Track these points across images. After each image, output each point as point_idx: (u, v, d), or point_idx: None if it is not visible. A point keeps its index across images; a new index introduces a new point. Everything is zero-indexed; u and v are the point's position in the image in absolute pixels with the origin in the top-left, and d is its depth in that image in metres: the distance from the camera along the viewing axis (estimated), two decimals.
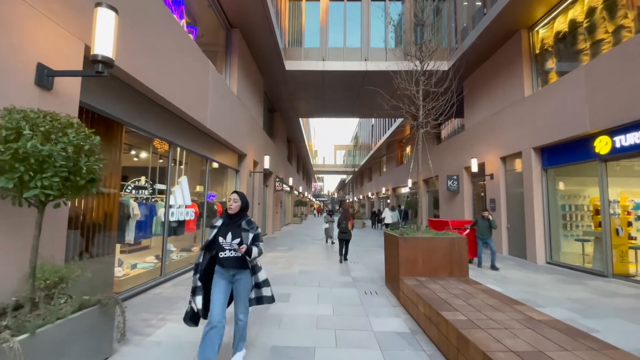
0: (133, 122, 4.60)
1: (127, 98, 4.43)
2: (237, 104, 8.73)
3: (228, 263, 2.63)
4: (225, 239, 2.62)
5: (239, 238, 2.61)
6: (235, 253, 2.60)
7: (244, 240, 2.61)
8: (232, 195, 2.75)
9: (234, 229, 2.65)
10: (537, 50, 8.84)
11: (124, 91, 4.35)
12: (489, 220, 7.35)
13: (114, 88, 4.17)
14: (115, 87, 4.19)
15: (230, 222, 2.69)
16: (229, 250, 2.61)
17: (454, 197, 12.82)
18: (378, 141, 26.28)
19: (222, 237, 2.63)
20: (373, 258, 8.44)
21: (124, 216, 4.92)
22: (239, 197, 2.73)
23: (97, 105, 3.87)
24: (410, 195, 19.67)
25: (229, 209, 2.69)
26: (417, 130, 5.24)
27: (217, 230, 2.68)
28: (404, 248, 4.60)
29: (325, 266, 7.15)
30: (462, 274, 4.68)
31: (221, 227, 2.69)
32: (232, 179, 9.71)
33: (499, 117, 9.73)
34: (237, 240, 2.61)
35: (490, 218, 7.36)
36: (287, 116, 17.14)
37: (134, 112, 4.61)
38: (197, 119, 6.05)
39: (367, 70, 11.16)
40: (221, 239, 2.63)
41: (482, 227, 7.37)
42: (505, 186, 9.74)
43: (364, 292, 5.06)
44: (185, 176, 6.56)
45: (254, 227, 2.71)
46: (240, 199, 2.72)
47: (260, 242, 2.74)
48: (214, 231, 2.68)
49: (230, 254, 2.61)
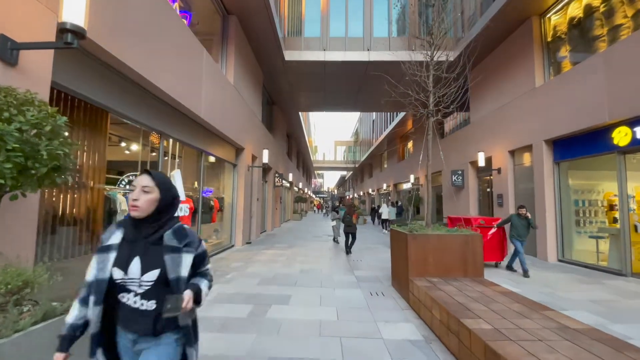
0: (119, 110, 4.20)
1: (113, 83, 4.04)
2: (234, 94, 8.32)
3: (131, 321, 1.30)
4: (126, 272, 1.27)
5: (158, 268, 1.28)
6: (146, 304, 1.28)
7: (171, 270, 1.28)
8: (138, 180, 1.34)
9: (145, 250, 1.30)
10: (549, 38, 8.42)
11: (109, 75, 3.96)
12: (527, 219, 6.35)
13: (98, 71, 3.77)
14: (99, 70, 3.79)
15: (138, 236, 1.33)
16: (134, 296, 1.28)
17: (458, 193, 12.45)
18: (379, 136, 25.87)
19: (120, 268, 1.27)
20: (376, 256, 8.09)
21: (110, 212, 4.55)
22: (154, 183, 1.34)
23: (77, 89, 3.47)
24: (412, 190, 19.30)
25: (132, 209, 1.30)
26: (427, 119, 4.86)
27: (113, 252, 1.31)
28: (414, 246, 4.24)
29: (327, 265, 6.80)
30: (477, 274, 4.32)
31: (120, 247, 1.32)
32: (229, 173, 9.32)
33: (508, 109, 9.33)
34: (155, 273, 1.27)
35: (528, 216, 6.36)
36: (287, 110, 16.72)
37: (121, 99, 4.21)
38: (190, 108, 5.66)
39: (370, 61, 10.73)
40: (117, 271, 1.28)
41: (519, 226, 6.39)
42: (514, 181, 9.36)
43: (369, 293, 4.70)
44: (178, 170, 6.17)
45: (192, 240, 1.38)
46: (157, 187, 1.34)
47: (208, 266, 1.49)
48: (107, 256, 1.31)
49: (139, 303, 1.28)
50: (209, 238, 8.41)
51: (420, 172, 17.04)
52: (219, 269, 6.13)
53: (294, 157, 24.23)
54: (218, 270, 6.07)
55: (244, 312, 3.80)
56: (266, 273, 5.83)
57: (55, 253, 3.43)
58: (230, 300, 4.26)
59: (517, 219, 6.45)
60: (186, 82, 5.51)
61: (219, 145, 8.00)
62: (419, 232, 4.34)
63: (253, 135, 10.48)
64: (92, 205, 3.99)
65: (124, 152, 6.28)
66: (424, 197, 16.54)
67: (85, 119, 3.80)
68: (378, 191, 30.05)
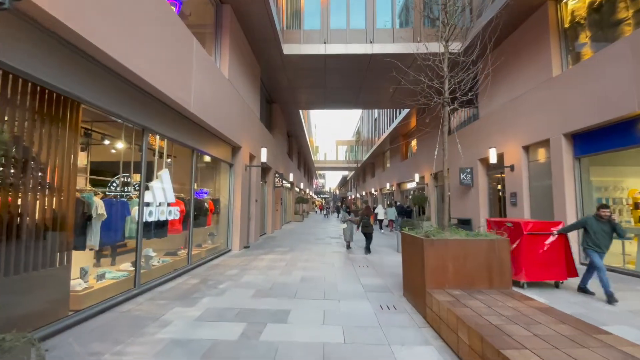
0: (91, 99, 3.67)
1: (83, 69, 3.50)
2: (228, 89, 7.78)
3: None
4: None
5: None
6: None
7: None
8: None
9: None
10: (566, 24, 7.84)
11: (78, 60, 3.42)
12: (610, 223, 4.66)
13: (63, 54, 3.24)
14: (65, 53, 3.25)
15: None
16: None
17: (467, 192, 11.87)
18: (381, 135, 25.30)
19: None
20: (382, 260, 7.52)
21: (84, 217, 4.01)
22: None
23: (34, 73, 2.93)
24: (416, 190, 18.71)
25: None
26: (442, 109, 4.30)
27: None
28: (431, 253, 3.68)
29: (331, 271, 6.24)
30: (504, 284, 3.76)
31: None
32: (225, 173, 8.79)
33: (521, 102, 8.76)
34: None
35: (614, 219, 4.70)
36: (287, 108, 16.18)
37: (96, 88, 3.68)
38: (177, 100, 5.12)
39: (373, 53, 10.17)
40: None
41: (598, 232, 4.69)
42: (529, 178, 8.78)
43: (379, 306, 4.14)
44: (166, 169, 5.65)
45: None
46: None
47: None
48: None
49: None
50: (204, 243, 7.88)
51: (425, 170, 16.46)
52: (211, 278, 5.59)
53: (294, 157, 23.69)
54: (210, 279, 5.53)
55: (235, 333, 3.25)
56: (263, 282, 5.28)
57: (17, 265, 2.89)
58: (220, 317, 3.71)
59: (596, 223, 4.74)
60: (173, 71, 4.97)
61: (213, 144, 7.46)
62: (436, 237, 3.78)
63: (250, 134, 9.95)
64: (59, 210, 3.45)
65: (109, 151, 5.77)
66: (430, 196, 15.97)
67: (50, 109, 3.27)
68: (381, 191, 29.47)
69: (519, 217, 8.84)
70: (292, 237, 12.61)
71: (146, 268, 5.26)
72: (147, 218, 5.06)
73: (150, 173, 5.29)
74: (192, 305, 4.07)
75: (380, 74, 11.78)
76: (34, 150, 3.10)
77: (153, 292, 4.67)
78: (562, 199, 7.36)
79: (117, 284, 4.49)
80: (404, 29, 10.66)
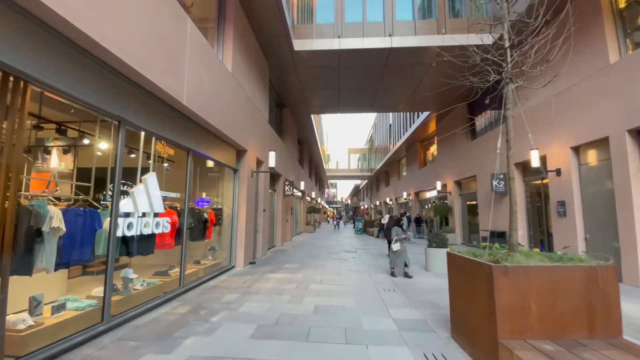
0: (45, 79, 2.76)
1: (34, 38, 2.62)
2: (232, 85, 6.91)
3: None
4: None
5: None
6: None
7: None
8: None
9: None
10: (621, 3, 6.69)
11: (27, 26, 2.54)
12: None
13: (17, 27, 2.36)
14: (20, 26, 2.38)
15: None
16: None
17: (500, 201, 10.56)
18: (397, 142, 24.16)
19: None
20: (410, 280, 6.33)
21: (30, 231, 3.07)
22: None
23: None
24: (437, 199, 17.38)
25: None
26: (505, 87, 3.22)
27: None
28: (505, 286, 2.55)
29: (351, 296, 5.12)
30: (612, 331, 2.58)
31: None
32: (229, 180, 7.85)
33: (569, 95, 7.55)
34: None
35: None
36: (298, 112, 15.32)
37: (48, 63, 2.78)
38: (165, 89, 4.22)
39: (393, 47, 9.20)
40: None
41: None
42: (580, 184, 7.49)
43: (423, 355, 3.00)
44: (153, 173, 4.71)
45: None
46: None
47: None
48: None
49: None
50: (203, 259, 6.89)
51: (448, 178, 15.19)
52: (205, 305, 4.55)
53: (305, 165, 22.76)
54: (203, 307, 4.49)
55: None
56: (267, 314, 4.21)
57: None
58: None
59: None
60: (160, 53, 4.08)
61: (214, 145, 6.55)
62: (512, 263, 2.64)
63: (258, 137, 9.04)
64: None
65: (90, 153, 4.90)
66: (453, 206, 14.63)
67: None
68: (396, 200, 28.10)
69: (569, 229, 7.52)
70: (304, 250, 11.51)
71: (124, 293, 4.28)
72: (126, 232, 4.11)
73: (130, 176, 4.37)
74: (169, 352, 3.03)
75: (399, 73, 10.78)
76: None
77: (126, 328, 3.65)
78: (629, 207, 6.05)
79: (80, 317, 3.51)
80: (427, 21, 9.67)
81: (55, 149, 4.46)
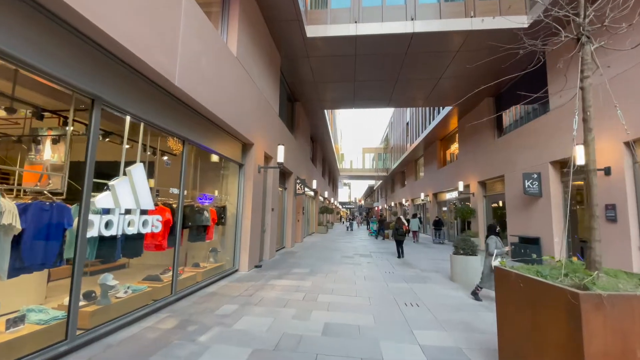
0: None
1: None
2: (237, 70, 6.27)
3: None
4: None
5: None
6: None
7: None
8: None
9: None
10: None
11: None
12: None
13: None
14: None
15: None
16: None
17: (532, 204, 9.52)
18: (414, 140, 23.10)
19: None
20: (434, 292, 5.50)
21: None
22: None
23: None
24: (459, 201, 16.30)
25: None
26: (581, 49, 2.39)
27: None
28: (601, 325, 1.74)
29: (367, 312, 4.36)
30: None
31: None
32: (233, 175, 7.23)
33: (623, 81, 6.51)
34: None
35: None
36: (311, 108, 14.63)
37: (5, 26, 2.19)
38: (152, 66, 3.59)
39: (415, 32, 8.36)
40: None
41: None
42: (635, 185, 6.45)
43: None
44: (140, 163, 4.11)
45: None
46: None
47: None
48: None
49: None
50: (203, 261, 6.29)
51: (471, 178, 14.14)
52: (196, 319, 3.91)
53: (318, 163, 22.06)
54: (194, 321, 3.84)
55: None
56: (267, 333, 3.51)
57: None
58: None
59: None
60: (145, 22, 3.46)
61: (216, 137, 5.93)
62: (607, 290, 1.83)
63: (267, 130, 8.40)
64: None
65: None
66: (477, 208, 13.57)
67: None
68: (413, 202, 27.00)
69: (620, 237, 6.49)
70: (314, 252, 10.79)
71: (102, 303, 3.68)
72: (104, 231, 3.51)
73: (112, 168, 3.78)
74: None
75: (421, 62, 9.91)
76: None
77: (95, 348, 3.03)
78: None
79: (41, 333, 2.92)
80: (453, 3, 8.76)
81: (47, 140, 3.93)
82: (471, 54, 9.29)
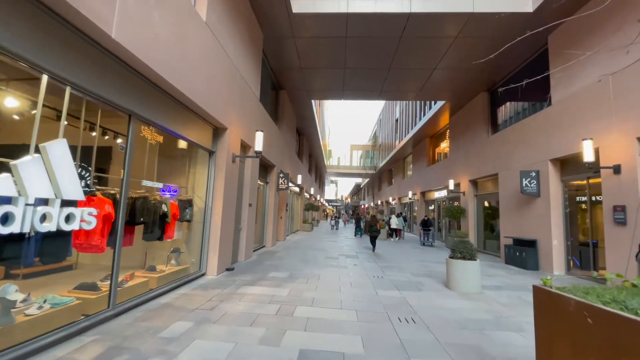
0: None
1: None
2: (205, 37, 5.30)
3: None
4: None
5: None
6: None
7: None
8: None
9: None
10: None
11: None
12: None
13: None
14: None
15: None
16: None
17: (529, 204, 8.97)
18: (403, 138, 22.52)
19: None
20: (432, 304, 4.74)
21: None
22: None
23: None
24: (447, 200, 15.77)
25: None
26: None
27: None
28: None
29: (354, 331, 3.53)
30: None
31: None
32: (202, 164, 6.26)
33: (629, 76, 5.93)
34: None
35: None
36: (297, 97, 13.70)
37: None
38: (75, 5, 2.62)
39: (412, 13, 7.58)
40: None
41: None
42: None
43: None
44: (63, 139, 3.12)
45: None
46: None
47: None
48: None
49: None
50: (162, 264, 5.32)
51: (462, 176, 13.58)
52: (130, 345, 2.97)
53: (305, 158, 21.15)
54: (126, 348, 2.91)
55: None
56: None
57: None
58: None
59: None
60: None
61: (177, 115, 4.96)
62: None
63: (244, 114, 7.44)
64: None
65: None
66: (467, 208, 13.03)
67: None
68: (400, 200, 26.51)
69: (630, 240, 5.94)
70: (296, 253, 9.92)
71: (1, 322, 2.71)
72: (1, 228, 2.54)
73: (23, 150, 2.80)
74: None
75: (416, 48, 9.15)
76: None
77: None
78: None
79: None
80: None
81: None
82: (470, 41, 8.61)
